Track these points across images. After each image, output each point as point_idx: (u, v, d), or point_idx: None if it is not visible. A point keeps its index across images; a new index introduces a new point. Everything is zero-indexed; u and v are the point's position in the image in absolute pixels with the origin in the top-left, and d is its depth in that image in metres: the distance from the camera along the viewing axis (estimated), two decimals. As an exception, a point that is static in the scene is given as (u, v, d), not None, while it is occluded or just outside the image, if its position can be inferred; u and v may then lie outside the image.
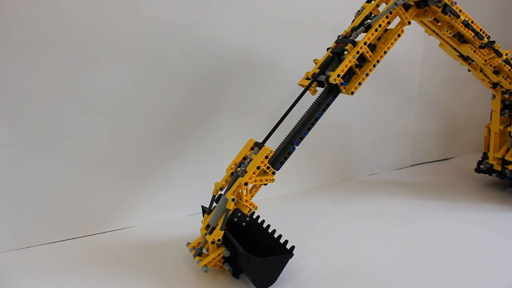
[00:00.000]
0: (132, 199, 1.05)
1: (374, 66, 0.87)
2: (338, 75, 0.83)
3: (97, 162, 1.00)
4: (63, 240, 0.98)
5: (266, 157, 0.80)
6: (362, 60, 0.87)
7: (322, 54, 0.94)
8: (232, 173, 0.86)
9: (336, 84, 0.83)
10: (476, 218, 1.09)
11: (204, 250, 0.85)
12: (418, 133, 1.50)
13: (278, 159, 0.84)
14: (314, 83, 0.88)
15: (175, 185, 1.10)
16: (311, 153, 1.27)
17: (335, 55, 0.87)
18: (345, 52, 0.86)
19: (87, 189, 1.00)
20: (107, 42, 0.95)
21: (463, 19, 0.95)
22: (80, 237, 1.00)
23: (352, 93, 0.86)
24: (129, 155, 1.03)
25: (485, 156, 1.29)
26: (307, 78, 0.91)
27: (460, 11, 0.95)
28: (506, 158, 1.20)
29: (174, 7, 1.00)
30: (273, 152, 0.82)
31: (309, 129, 0.85)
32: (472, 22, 0.98)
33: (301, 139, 0.85)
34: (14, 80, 0.88)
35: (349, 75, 0.86)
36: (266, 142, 0.85)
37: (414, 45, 1.39)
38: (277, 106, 1.17)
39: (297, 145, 0.84)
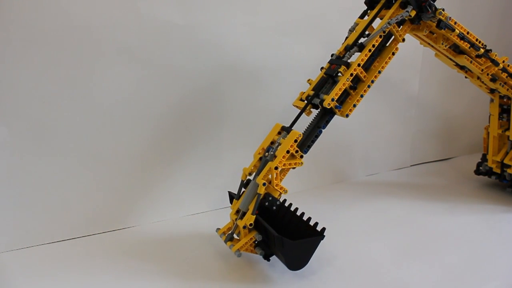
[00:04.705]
0: (132, 199, 1.06)
1: (369, 86, 0.87)
2: (332, 99, 0.83)
3: (97, 162, 1.00)
4: (63, 240, 0.98)
5: (295, 141, 0.81)
6: (356, 81, 0.86)
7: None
8: (260, 158, 0.87)
9: (331, 107, 0.83)
10: (476, 218, 1.09)
11: (235, 235, 0.85)
12: (418, 133, 1.49)
13: (305, 143, 0.85)
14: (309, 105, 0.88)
15: (178, 184, 1.10)
16: (310, 152, 1.25)
17: (329, 77, 0.87)
18: (339, 74, 0.85)
19: (87, 189, 1.00)
20: (107, 42, 0.94)
21: (458, 32, 0.94)
22: (80, 237, 1.00)
23: (347, 115, 0.86)
24: (129, 154, 1.03)
25: (484, 158, 1.29)
26: (301, 100, 0.90)
27: (455, 23, 0.93)
28: (505, 161, 1.20)
29: (174, 7, 0.99)
30: (302, 135, 0.83)
31: (334, 113, 0.86)
32: (468, 33, 0.97)
33: (327, 122, 0.86)
34: (14, 80, 0.88)
35: (344, 96, 0.86)
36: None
37: (414, 45, 1.37)
38: (278, 106, 1.17)
39: (323, 128, 0.86)
